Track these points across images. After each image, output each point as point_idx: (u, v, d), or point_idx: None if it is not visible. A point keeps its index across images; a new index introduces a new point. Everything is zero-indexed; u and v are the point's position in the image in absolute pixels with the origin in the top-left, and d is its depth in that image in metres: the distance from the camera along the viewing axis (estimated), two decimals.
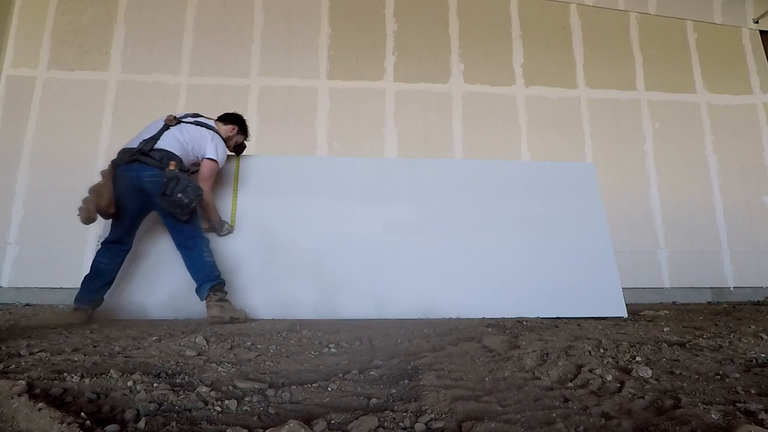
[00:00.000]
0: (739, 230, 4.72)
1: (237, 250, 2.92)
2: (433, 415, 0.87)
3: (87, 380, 1.03)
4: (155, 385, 1.03)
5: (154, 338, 1.74)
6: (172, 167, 2.36)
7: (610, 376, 1.15)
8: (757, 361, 1.37)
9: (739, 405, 0.92)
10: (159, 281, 2.79)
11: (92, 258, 2.49)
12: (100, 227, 2.90)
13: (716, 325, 2.29)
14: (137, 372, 1.14)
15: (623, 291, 3.02)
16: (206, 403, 0.93)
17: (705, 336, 1.85)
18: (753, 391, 1.03)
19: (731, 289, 4.57)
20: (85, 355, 1.36)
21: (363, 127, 4.67)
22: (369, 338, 1.84)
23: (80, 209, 2.39)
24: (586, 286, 2.96)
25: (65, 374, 1.08)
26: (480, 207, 3.15)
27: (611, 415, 0.88)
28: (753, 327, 2.14)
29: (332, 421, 0.84)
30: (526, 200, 3.19)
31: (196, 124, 2.64)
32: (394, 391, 1.06)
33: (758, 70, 5.17)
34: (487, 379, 1.16)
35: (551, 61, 5.01)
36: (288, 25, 4.85)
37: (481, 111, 4.82)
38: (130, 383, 1.02)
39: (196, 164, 2.65)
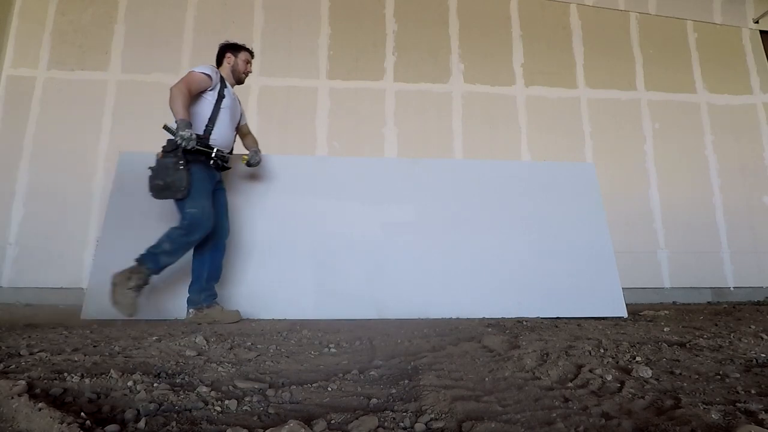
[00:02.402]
0: (739, 230, 4.72)
1: (237, 251, 2.92)
2: (433, 415, 0.87)
3: (87, 380, 1.03)
4: (155, 385, 1.03)
5: (154, 338, 1.74)
6: (159, 156, 2.42)
7: (610, 376, 1.15)
8: (757, 361, 1.37)
9: (739, 405, 0.92)
10: (159, 281, 2.79)
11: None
12: (100, 226, 2.90)
13: (716, 325, 2.29)
14: (137, 372, 1.13)
15: (623, 291, 3.02)
16: (206, 403, 0.93)
17: (705, 336, 1.85)
18: (753, 391, 1.03)
19: (731, 289, 4.57)
20: (85, 355, 1.36)
21: (363, 127, 4.67)
22: (369, 338, 1.84)
23: None
24: (586, 286, 2.96)
25: (65, 374, 1.08)
26: (480, 207, 3.15)
27: (611, 415, 0.88)
28: (753, 327, 2.14)
29: (332, 421, 0.84)
30: (526, 200, 3.19)
31: None
32: (394, 391, 1.06)
33: (758, 70, 5.16)
34: (487, 379, 1.16)
35: (551, 61, 5.01)
36: (288, 25, 4.85)
37: (481, 111, 4.81)
38: (130, 383, 1.02)
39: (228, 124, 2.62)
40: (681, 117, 4.98)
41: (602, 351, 1.50)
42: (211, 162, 2.50)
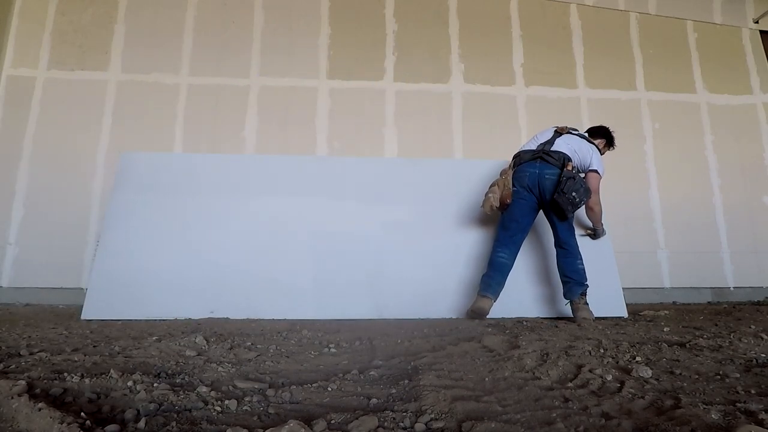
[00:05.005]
0: (739, 230, 4.71)
1: (237, 251, 2.91)
2: (433, 415, 0.87)
3: (87, 380, 1.03)
4: (155, 385, 1.03)
5: (154, 338, 1.74)
6: (569, 168, 2.66)
7: (610, 376, 1.15)
8: (757, 361, 1.37)
9: (739, 405, 0.92)
10: (159, 281, 2.79)
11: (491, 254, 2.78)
12: (100, 226, 2.90)
13: (716, 325, 2.29)
14: (137, 372, 1.13)
15: (623, 291, 3.02)
16: (206, 403, 0.93)
17: (705, 336, 1.85)
18: (753, 391, 1.03)
19: (731, 289, 4.57)
20: (85, 355, 1.36)
21: (363, 127, 4.67)
22: (369, 338, 1.84)
23: (486, 199, 2.76)
24: None
25: (65, 374, 1.08)
26: (480, 207, 3.15)
27: (611, 415, 0.88)
28: (753, 327, 2.14)
29: (332, 421, 0.84)
30: None
31: (579, 137, 2.88)
32: (394, 391, 1.06)
33: (758, 70, 5.16)
34: (487, 379, 1.16)
35: (551, 61, 5.01)
36: (288, 25, 4.85)
37: (481, 111, 4.81)
38: (130, 383, 1.02)
39: (578, 173, 2.85)
40: (681, 117, 4.98)
41: (602, 351, 1.50)
42: None
